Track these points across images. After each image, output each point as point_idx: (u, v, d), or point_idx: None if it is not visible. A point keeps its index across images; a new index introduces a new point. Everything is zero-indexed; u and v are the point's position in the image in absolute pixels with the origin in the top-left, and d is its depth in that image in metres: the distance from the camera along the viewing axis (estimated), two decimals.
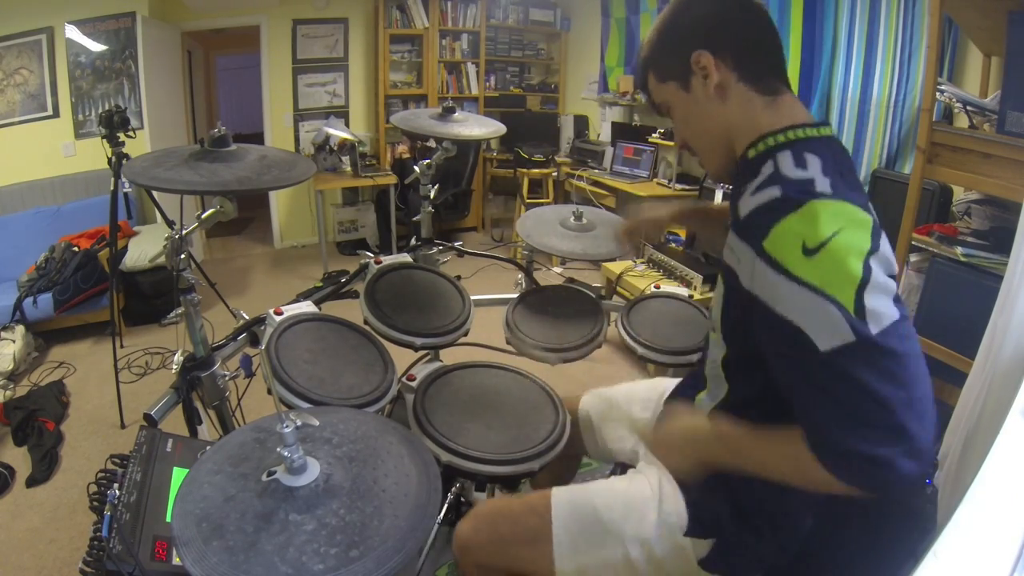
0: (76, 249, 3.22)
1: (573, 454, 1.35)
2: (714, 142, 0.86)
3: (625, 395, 1.29)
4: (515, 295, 1.78)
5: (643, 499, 0.97)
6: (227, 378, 1.33)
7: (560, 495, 1.00)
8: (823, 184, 0.68)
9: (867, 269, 0.63)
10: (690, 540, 0.93)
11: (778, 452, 0.73)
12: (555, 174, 4.59)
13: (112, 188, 2.47)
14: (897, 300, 0.65)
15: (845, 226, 0.64)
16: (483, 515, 1.02)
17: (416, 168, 1.85)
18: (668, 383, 1.26)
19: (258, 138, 4.62)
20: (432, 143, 1.89)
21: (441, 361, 1.55)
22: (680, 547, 0.93)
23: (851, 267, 0.63)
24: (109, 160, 2.44)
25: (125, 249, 3.31)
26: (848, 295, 0.62)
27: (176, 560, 0.85)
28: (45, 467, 2.19)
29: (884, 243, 0.67)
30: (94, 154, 3.26)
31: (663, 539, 0.93)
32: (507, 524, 0.99)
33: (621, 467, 1.29)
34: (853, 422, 0.63)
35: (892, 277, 0.66)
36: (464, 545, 1.00)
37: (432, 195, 1.92)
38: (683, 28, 0.83)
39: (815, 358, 0.64)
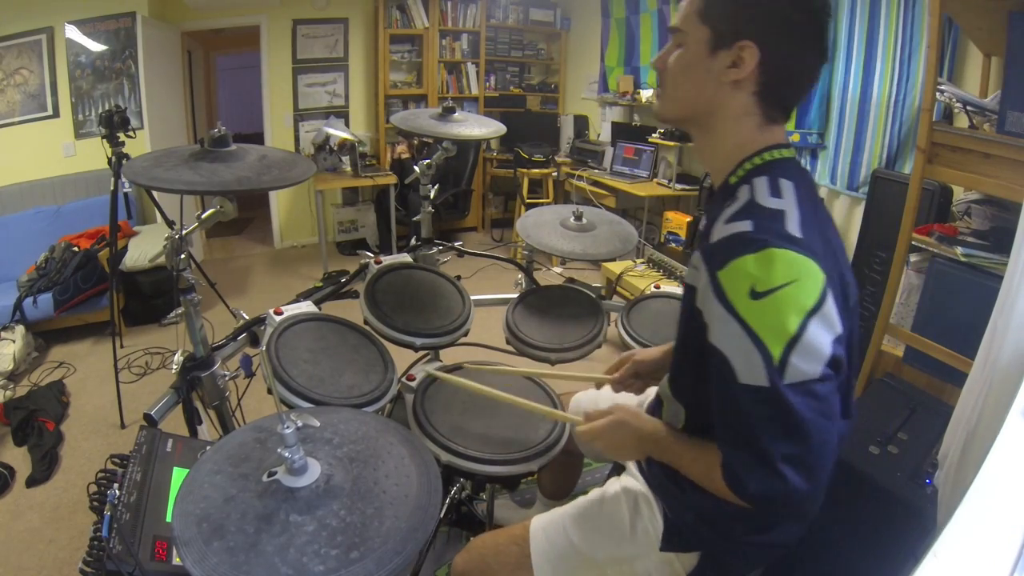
0: (76, 249, 3.22)
1: (574, 450, 1.35)
2: (686, 100, 0.82)
3: (608, 396, 1.27)
4: (515, 295, 1.78)
5: (615, 520, 0.98)
6: (227, 378, 1.33)
7: (538, 524, 1.03)
8: (793, 221, 0.69)
9: (802, 328, 0.65)
10: (674, 555, 0.92)
11: (700, 463, 0.79)
12: (555, 174, 4.59)
13: (112, 188, 2.46)
14: (831, 363, 0.67)
15: (797, 279, 0.66)
16: (474, 548, 1.06)
17: (416, 168, 1.85)
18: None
19: (258, 138, 4.61)
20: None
21: (441, 361, 1.55)
22: (665, 562, 0.93)
23: (788, 322, 0.66)
24: (109, 160, 2.44)
25: (125, 249, 3.31)
26: (777, 347, 0.66)
27: (176, 560, 0.85)
28: (45, 467, 2.19)
29: (830, 301, 0.67)
30: (94, 154, 3.26)
31: (642, 557, 0.94)
32: (492, 555, 1.02)
33: (617, 467, 1.29)
34: (748, 452, 0.69)
35: (836, 337, 0.67)
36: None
37: (432, 195, 1.92)
38: (760, 4, 0.75)
39: (734, 385, 0.69)
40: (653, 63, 0.87)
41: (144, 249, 3.34)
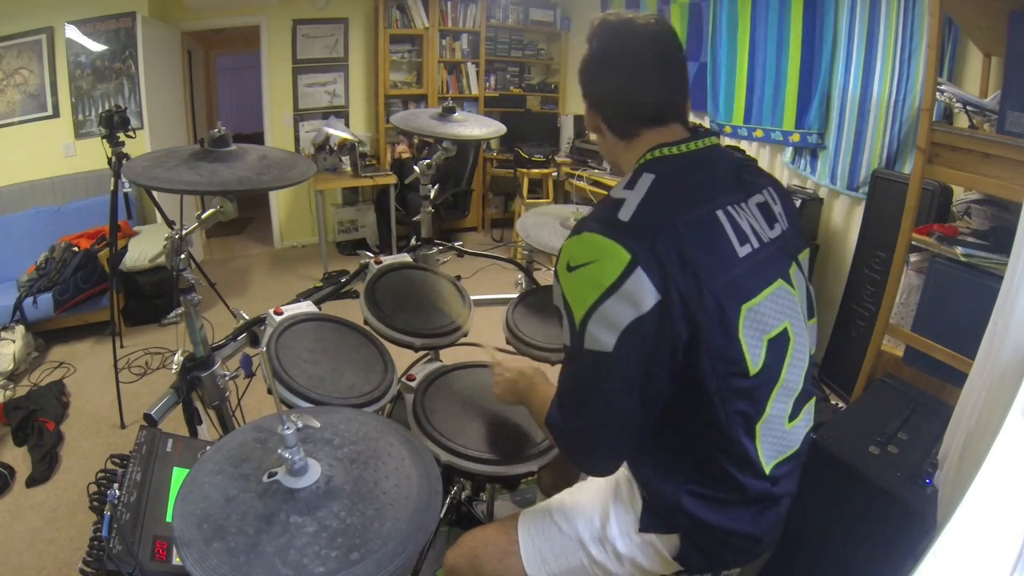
0: (76, 249, 3.22)
1: None
2: (605, 153, 1.01)
3: None
4: (515, 295, 1.78)
5: (595, 501, 1.01)
6: (227, 378, 1.33)
7: (527, 512, 1.06)
8: (627, 209, 0.79)
9: (599, 301, 0.76)
10: (655, 537, 0.93)
11: (544, 403, 0.94)
12: (555, 174, 4.59)
13: (112, 188, 2.47)
14: (629, 331, 0.75)
15: (599, 259, 0.77)
16: (464, 543, 1.07)
17: (416, 168, 1.85)
18: None
19: (258, 138, 4.61)
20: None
21: (441, 361, 1.55)
22: (647, 543, 0.94)
23: (587, 295, 0.77)
24: (109, 160, 2.44)
25: (125, 249, 3.31)
26: (579, 314, 0.79)
27: (176, 560, 0.85)
28: (45, 467, 2.19)
29: (637, 282, 0.74)
30: (94, 154, 3.25)
31: (623, 536, 0.95)
32: (481, 547, 1.04)
33: None
34: (560, 396, 0.88)
35: (639, 317, 0.74)
36: (450, 571, 1.06)
37: (432, 195, 1.92)
38: (584, 71, 0.95)
39: (564, 343, 0.85)
40: None
41: (144, 249, 3.34)
